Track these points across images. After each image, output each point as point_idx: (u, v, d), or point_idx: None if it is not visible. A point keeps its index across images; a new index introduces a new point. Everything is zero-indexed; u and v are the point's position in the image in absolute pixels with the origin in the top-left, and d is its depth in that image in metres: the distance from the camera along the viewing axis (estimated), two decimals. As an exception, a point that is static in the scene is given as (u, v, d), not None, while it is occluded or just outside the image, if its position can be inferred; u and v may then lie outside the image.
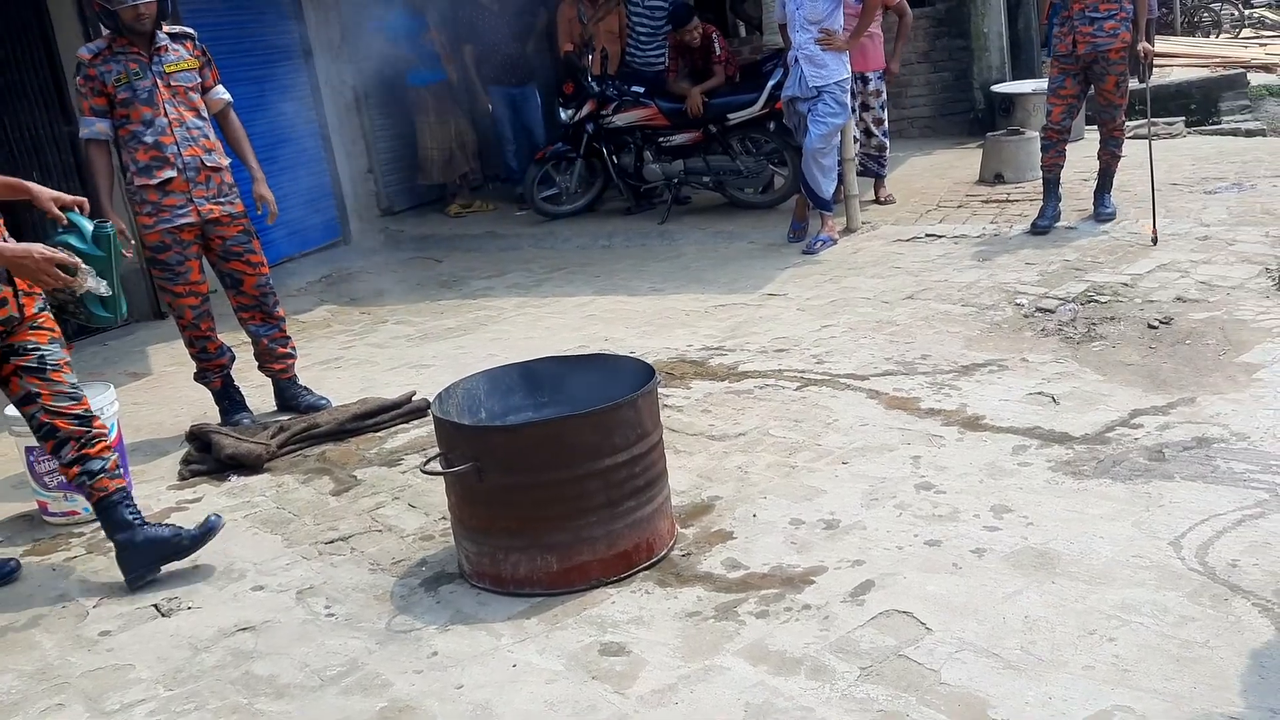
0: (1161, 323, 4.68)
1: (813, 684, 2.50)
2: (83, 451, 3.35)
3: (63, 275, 3.22)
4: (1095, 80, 6.17)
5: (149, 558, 3.38)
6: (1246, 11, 19.90)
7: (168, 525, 3.48)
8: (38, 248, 3.20)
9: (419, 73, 8.77)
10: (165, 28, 4.40)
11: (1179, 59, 13.59)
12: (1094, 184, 6.51)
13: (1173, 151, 8.09)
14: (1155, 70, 11.95)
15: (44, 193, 3.50)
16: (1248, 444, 3.47)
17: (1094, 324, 4.78)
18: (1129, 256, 5.69)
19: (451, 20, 8.96)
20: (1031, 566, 2.90)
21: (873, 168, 7.55)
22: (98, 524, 3.93)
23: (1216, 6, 18.76)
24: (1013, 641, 2.57)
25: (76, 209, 3.56)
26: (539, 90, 9.23)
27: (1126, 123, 6.51)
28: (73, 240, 3.52)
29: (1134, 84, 6.56)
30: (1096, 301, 5.06)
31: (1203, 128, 9.53)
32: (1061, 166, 6.37)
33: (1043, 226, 6.31)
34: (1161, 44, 14.15)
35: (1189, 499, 3.16)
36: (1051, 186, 6.38)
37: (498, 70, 8.91)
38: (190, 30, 4.52)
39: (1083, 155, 8.29)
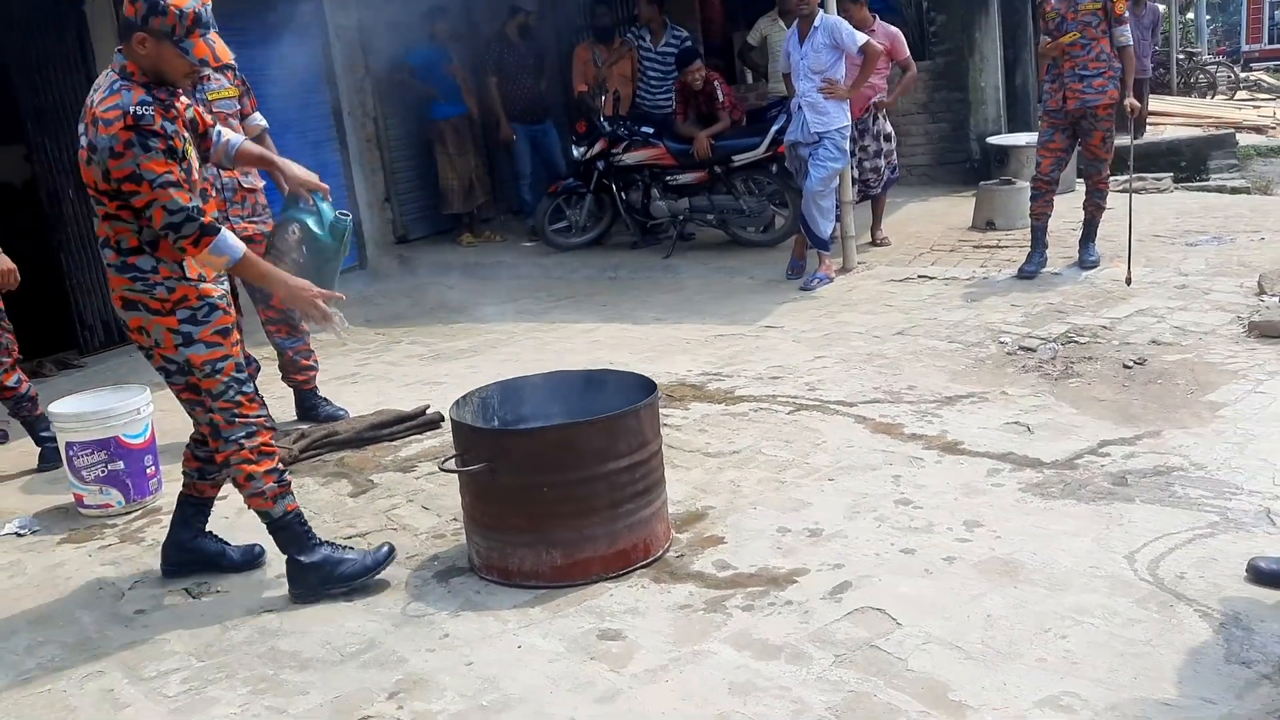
0: (1136, 363, 4.96)
1: (791, 668, 2.76)
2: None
3: (327, 311, 3.30)
4: (1083, 135, 6.49)
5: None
6: (1243, 75, 20.42)
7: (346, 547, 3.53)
8: (306, 283, 3.31)
9: (440, 106, 9.11)
10: None
11: (1173, 118, 14.01)
12: (1080, 233, 6.81)
13: (1159, 205, 8.42)
14: (1149, 128, 12.36)
15: (292, 171, 3.53)
16: (1205, 473, 3.74)
17: (1072, 363, 5.06)
18: (1109, 301, 5.99)
19: (479, 54, 9.33)
20: (997, 573, 3.16)
21: (873, 189, 7.80)
22: (130, 515, 4.21)
23: (1212, 69, 19.24)
24: (974, 636, 2.83)
25: (321, 194, 3.60)
26: (555, 126, 9.58)
27: (1113, 177, 6.84)
28: (310, 221, 3.54)
29: (1123, 140, 6.89)
30: (1076, 342, 5.34)
31: (1190, 184, 9.87)
32: (1049, 215, 6.69)
33: (1029, 272, 6.61)
34: (1156, 103, 14.58)
35: (1146, 519, 3.42)
36: (1039, 234, 6.69)
37: (520, 105, 9.25)
38: (232, 61, 4.83)
39: (1071, 206, 8.61)
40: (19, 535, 4.13)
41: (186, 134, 3.18)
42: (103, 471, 4.15)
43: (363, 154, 9.20)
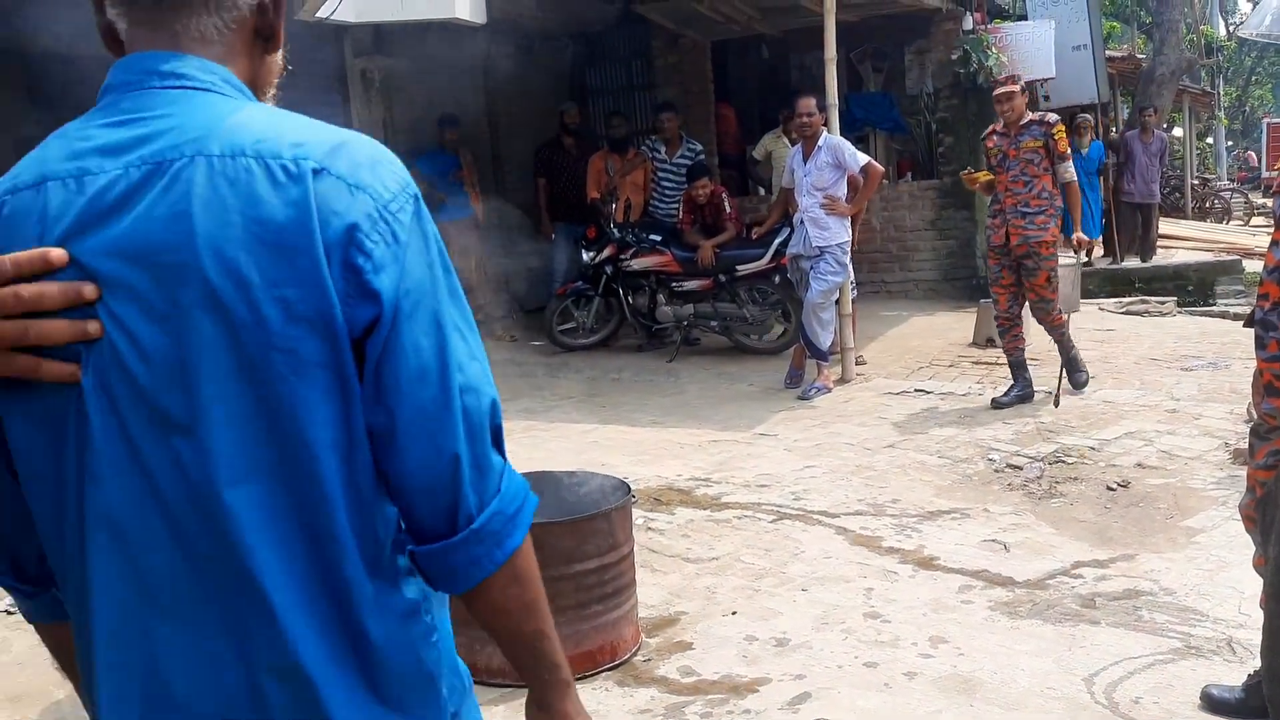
0: (1119, 485, 5.01)
1: (741, 776, 2.80)
2: None
3: None
4: (1027, 275, 6.39)
5: None
6: (1261, 201, 20.68)
7: None
8: None
9: (447, 209, 9.45)
10: None
11: (1183, 242, 14.21)
12: (1061, 366, 6.61)
13: (1159, 329, 8.53)
14: (1160, 251, 12.55)
15: None
16: (1173, 598, 3.78)
17: (1057, 482, 5.12)
18: (1100, 423, 6.06)
19: (532, 156, 9.82)
20: (955, 690, 3.20)
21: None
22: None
23: (1227, 194, 19.51)
24: (925, 752, 2.86)
25: None
26: None
27: (1116, 299, 6.97)
28: None
29: (1133, 261, 7.02)
30: (1063, 462, 5.41)
31: (1194, 309, 9.99)
32: (1022, 349, 6.56)
33: (1003, 403, 6.45)
34: (1167, 226, 14.82)
35: (1109, 642, 3.46)
36: (1016, 369, 6.57)
37: (565, 206, 9.61)
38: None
39: (1075, 327, 8.75)
40: (9, 614, 4.21)
41: None
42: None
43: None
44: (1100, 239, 12.73)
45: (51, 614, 1.25)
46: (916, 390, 7.07)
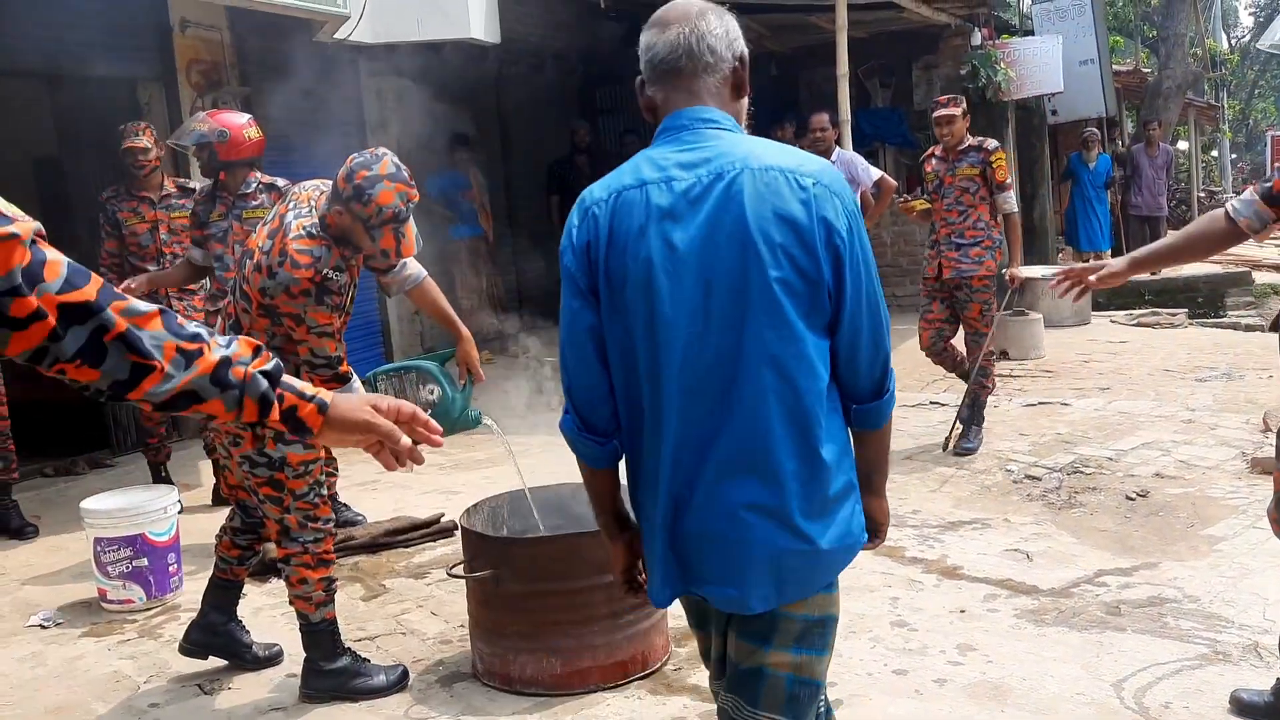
0: (1138, 495, 5.04)
1: (778, 782, 2.82)
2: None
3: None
4: (960, 308, 6.02)
5: None
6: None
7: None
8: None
9: (457, 228, 9.54)
10: (262, 177, 5.04)
11: (1192, 254, 14.20)
12: (959, 412, 6.08)
13: (1172, 341, 8.57)
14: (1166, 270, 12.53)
15: (468, 349, 3.98)
16: (1197, 605, 3.81)
17: (1076, 493, 5.15)
18: (1117, 433, 6.09)
19: (543, 174, 9.96)
20: (985, 697, 3.23)
21: None
22: (150, 611, 4.34)
23: (1234, 206, 19.52)
24: (959, 757, 2.89)
25: (474, 379, 3.93)
26: None
27: (1128, 311, 6.99)
28: (450, 395, 3.80)
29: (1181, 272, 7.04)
30: (1081, 472, 5.44)
31: (1205, 320, 10.02)
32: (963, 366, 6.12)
33: (966, 449, 5.89)
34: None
35: (1136, 649, 3.49)
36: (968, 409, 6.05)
37: None
38: (280, 183, 5.11)
39: (1087, 339, 8.81)
40: (43, 628, 4.27)
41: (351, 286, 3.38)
42: (127, 567, 4.30)
43: (395, 268, 9.55)
44: (1109, 252, 12.79)
45: (609, 460, 1.99)
46: (932, 403, 7.11)
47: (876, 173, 7.20)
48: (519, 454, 6.56)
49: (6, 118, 7.72)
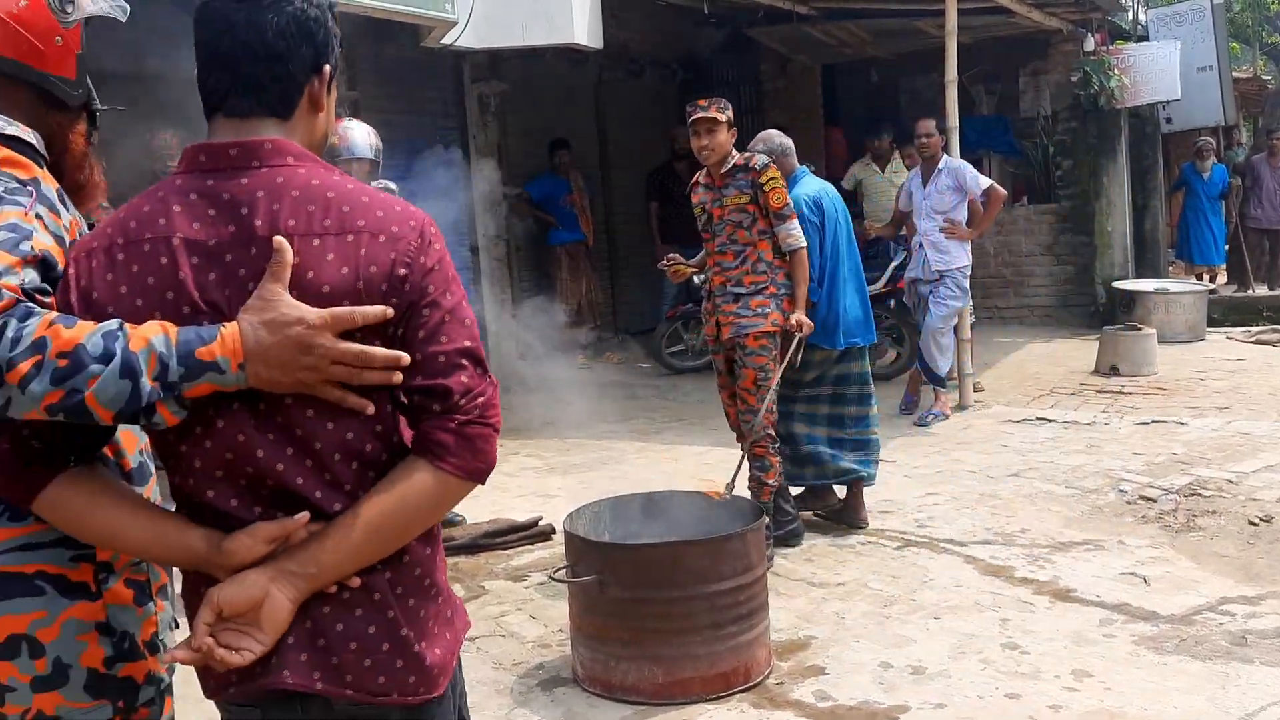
0: (1262, 520, 4.81)
1: (887, 805, 2.74)
2: None
3: None
4: (734, 371, 4.70)
5: None
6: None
7: None
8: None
9: (558, 233, 9.59)
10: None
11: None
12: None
13: (1291, 359, 8.19)
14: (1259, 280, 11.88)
15: None
16: (1332, 639, 3.60)
17: (1194, 515, 4.94)
18: (1237, 455, 5.83)
19: (642, 180, 9.95)
20: (1104, 726, 3.10)
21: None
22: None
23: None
24: (1078, 789, 2.77)
25: None
26: None
27: (1242, 328, 6.71)
28: None
29: (1261, 289, 6.74)
30: (1200, 495, 5.21)
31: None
32: (778, 472, 4.65)
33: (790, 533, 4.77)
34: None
35: (1265, 681, 3.31)
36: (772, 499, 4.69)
37: (679, 231, 9.68)
38: (392, 187, 5.16)
39: (1202, 355, 8.48)
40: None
41: None
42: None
43: (492, 273, 9.64)
44: (1224, 265, 12.30)
45: None
46: (1038, 418, 6.90)
47: (986, 182, 7.03)
48: (613, 460, 6.60)
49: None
